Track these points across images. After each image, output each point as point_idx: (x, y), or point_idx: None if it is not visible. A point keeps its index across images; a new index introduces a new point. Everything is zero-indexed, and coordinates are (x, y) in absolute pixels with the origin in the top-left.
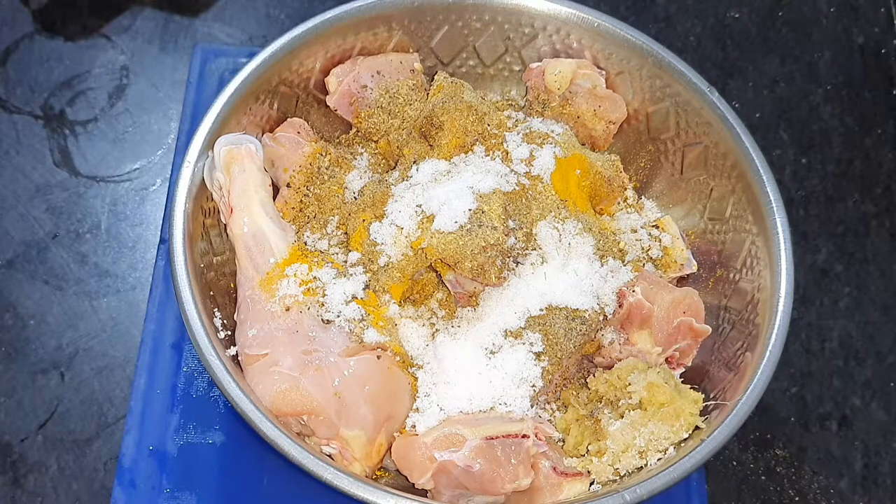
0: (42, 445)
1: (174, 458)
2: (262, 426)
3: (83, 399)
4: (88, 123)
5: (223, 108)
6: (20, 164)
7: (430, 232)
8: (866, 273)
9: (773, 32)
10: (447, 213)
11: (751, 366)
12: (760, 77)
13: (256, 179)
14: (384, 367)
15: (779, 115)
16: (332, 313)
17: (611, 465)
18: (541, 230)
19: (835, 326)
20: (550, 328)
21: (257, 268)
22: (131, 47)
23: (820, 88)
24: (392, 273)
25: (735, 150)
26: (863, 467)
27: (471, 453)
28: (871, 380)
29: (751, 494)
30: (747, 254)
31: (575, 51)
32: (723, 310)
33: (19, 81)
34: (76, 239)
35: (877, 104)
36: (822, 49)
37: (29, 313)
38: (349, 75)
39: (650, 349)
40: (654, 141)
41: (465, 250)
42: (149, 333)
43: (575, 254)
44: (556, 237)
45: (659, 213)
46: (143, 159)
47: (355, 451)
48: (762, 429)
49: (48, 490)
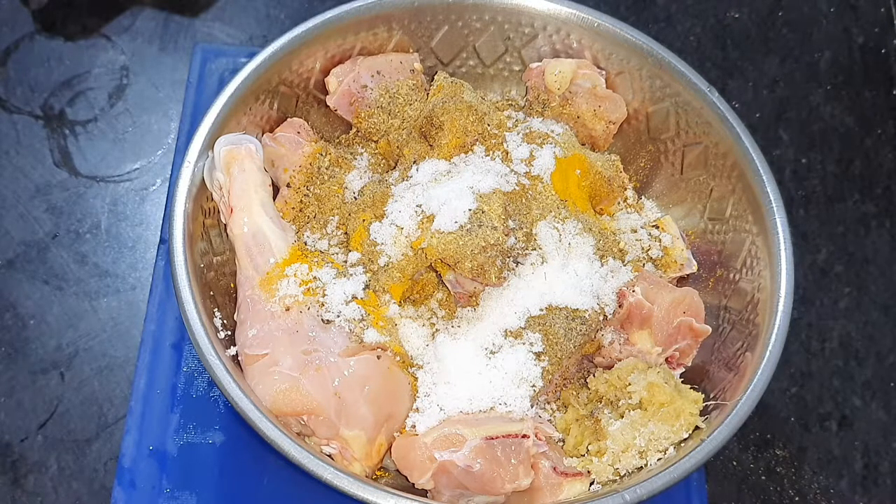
0: (42, 445)
1: (174, 459)
2: (262, 426)
3: (83, 399)
4: (88, 123)
5: (223, 108)
6: (20, 164)
7: (430, 232)
8: (866, 273)
9: (773, 32)
10: (447, 213)
11: (751, 366)
12: (760, 77)
13: (256, 179)
14: (384, 367)
15: (779, 115)
16: (332, 313)
17: (611, 465)
18: (541, 230)
19: (835, 326)
20: (550, 328)
21: (257, 268)
22: (131, 47)
23: (820, 88)
24: (392, 273)
25: (735, 150)
26: (863, 467)
27: (471, 453)
28: (871, 380)
29: (751, 494)
30: (747, 254)
31: (575, 51)
32: (723, 310)
33: (19, 81)
34: (76, 239)
35: (877, 104)
36: (822, 49)
37: (29, 313)
38: (349, 75)
39: (650, 349)
40: (654, 141)
41: (465, 250)
42: (149, 333)
43: (575, 254)
44: (556, 237)
45: (659, 213)
46: (143, 159)
47: (355, 451)
48: (762, 429)
49: (48, 490)
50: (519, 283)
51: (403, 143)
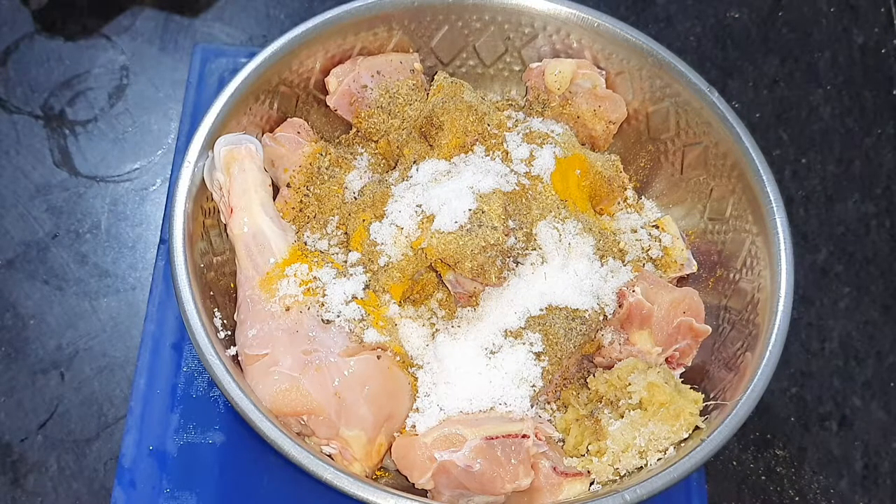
0: (42, 445)
1: (174, 459)
2: (262, 426)
3: (83, 399)
4: (88, 123)
5: (223, 108)
6: (20, 164)
7: (430, 232)
8: (866, 273)
9: (773, 32)
10: (447, 213)
11: (751, 366)
12: (760, 77)
13: (256, 179)
14: (384, 367)
15: (779, 115)
16: (332, 313)
17: (611, 465)
18: (541, 230)
19: (835, 326)
20: (550, 328)
21: (257, 268)
22: (131, 47)
23: (820, 88)
24: (392, 273)
25: (735, 150)
26: (863, 467)
27: (471, 453)
28: (871, 380)
29: (751, 495)
30: (747, 254)
31: (575, 51)
32: (723, 310)
33: (19, 81)
34: (76, 239)
35: (877, 104)
36: (823, 49)
37: (29, 313)
38: (349, 75)
39: (650, 349)
40: (654, 141)
41: (465, 250)
42: (149, 333)
43: (575, 254)
44: (556, 237)
45: (659, 213)
46: (143, 159)
47: (355, 451)
48: (762, 429)
49: (48, 490)
50: (519, 283)
51: (403, 143)
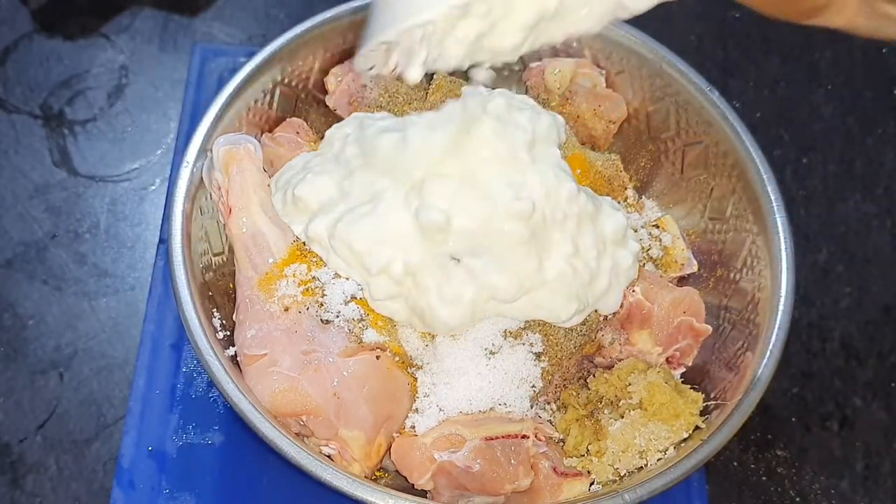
0: (41, 446)
1: (173, 459)
2: (261, 427)
3: (82, 399)
4: (87, 123)
5: (222, 107)
6: (19, 163)
7: None
8: (867, 273)
9: (774, 32)
10: None
11: (751, 366)
12: (761, 77)
13: (255, 179)
14: (383, 367)
15: (779, 114)
16: (331, 313)
17: (611, 465)
18: None
19: (836, 326)
20: (550, 328)
21: (256, 268)
22: (130, 47)
23: (820, 88)
24: None
25: (735, 150)
26: (864, 468)
27: (470, 454)
28: (872, 380)
29: (751, 495)
30: (748, 253)
31: (575, 50)
32: (723, 309)
33: (18, 81)
34: (75, 239)
35: (877, 104)
36: (823, 49)
37: (28, 313)
38: (348, 75)
39: (650, 349)
40: (654, 140)
41: None
42: (148, 334)
43: None
44: None
45: (659, 213)
46: (142, 159)
47: (354, 451)
48: (763, 429)
49: (47, 490)
50: None
51: None
